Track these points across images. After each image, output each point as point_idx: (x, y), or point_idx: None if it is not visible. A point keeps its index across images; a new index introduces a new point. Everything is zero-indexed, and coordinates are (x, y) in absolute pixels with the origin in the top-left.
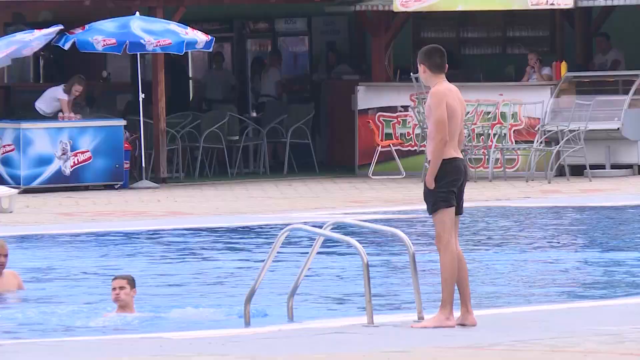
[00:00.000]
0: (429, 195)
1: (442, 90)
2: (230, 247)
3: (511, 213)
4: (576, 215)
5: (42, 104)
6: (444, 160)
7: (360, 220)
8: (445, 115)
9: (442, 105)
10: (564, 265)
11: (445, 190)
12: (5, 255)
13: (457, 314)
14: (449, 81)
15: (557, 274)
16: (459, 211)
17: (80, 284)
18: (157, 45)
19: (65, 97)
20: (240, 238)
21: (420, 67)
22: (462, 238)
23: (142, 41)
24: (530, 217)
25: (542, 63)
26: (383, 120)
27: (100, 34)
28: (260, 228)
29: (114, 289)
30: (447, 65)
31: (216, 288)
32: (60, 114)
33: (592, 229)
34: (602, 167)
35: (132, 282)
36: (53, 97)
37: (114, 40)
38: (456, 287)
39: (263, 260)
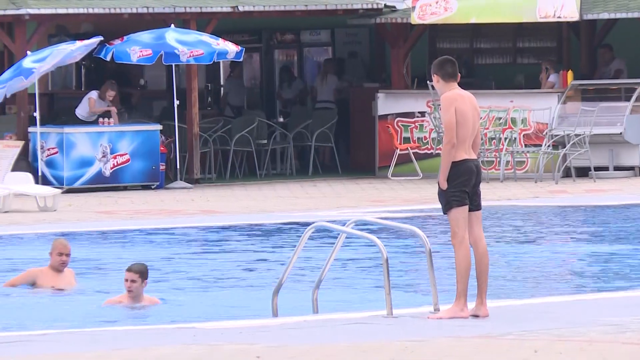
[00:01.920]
0: (442, 196)
1: (452, 95)
2: (259, 243)
3: (521, 212)
4: (582, 213)
5: (80, 110)
6: (455, 162)
7: (380, 219)
8: (454, 120)
9: (451, 110)
10: (570, 259)
11: (457, 190)
12: (68, 255)
13: (471, 305)
14: (464, 89)
15: (564, 268)
16: (477, 207)
17: (119, 277)
18: (190, 56)
19: (95, 96)
20: (269, 235)
21: (434, 77)
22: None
23: (176, 51)
24: (538, 216)
25: (553, 70)
26: (401, 125)
27: (137, 45)
28: (287, 225)
29: (127, 280)
30: (459, 74)
31: (246, 281)
32: (100, 119)
33: (597, 226)
34: (606, 169)
35: (144, 274)
36: (86, 99)
37: (150, 51)
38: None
39: (290, 256)
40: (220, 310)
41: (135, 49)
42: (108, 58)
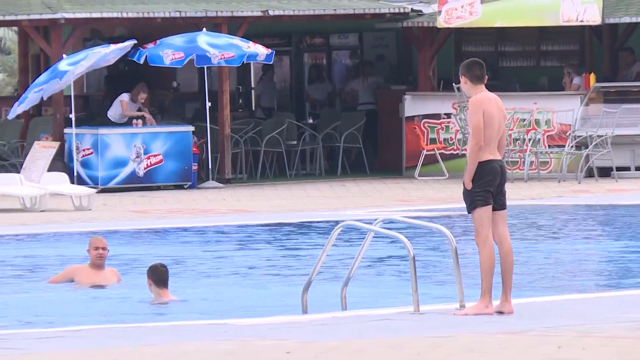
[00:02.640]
0: (467, 195)
1: (479, 98)
2: (288, 242)
3: (545, 211)
4: (604, 212)
5: (112, 112)
6: (480, 162)
7: (407, 218)
8: (481, 123)
9: (478, 114)
10: (592, 257)
11: (482, 190)
12: (104, 248)
13: (496, 302)
14: (489, 91)
15: (586, 266)
16: (501, 207)
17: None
18: (221, 58)
19: (126, 99)
20: (298, 233)
21: (462, 79)
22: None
23: (207, 54)
24: (562, 214)
25: (576, 73)
26: (428, 126)
27: (170, 48)
28: (316, 224)
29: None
30: (486, 76)
31: (276, 278)
32: (134, 121)
33: (619, 225)
34: (627, 169)
35: (148, 274)
36: (118, 102)
37: (182, 54)
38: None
39: (319, 254)
40: (251, 307)
41: (168, 52)
42: (141, 61)
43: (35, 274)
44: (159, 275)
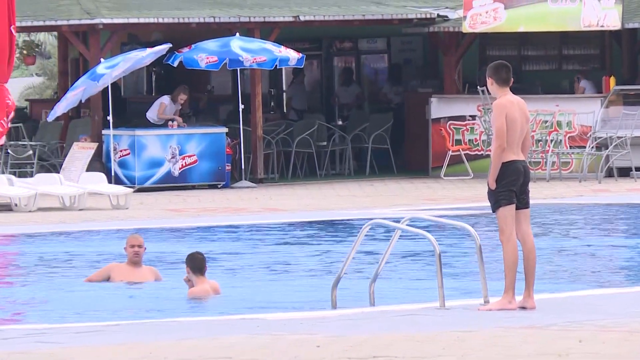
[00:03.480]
0: (491, 195)
1: (503, 102)
2: (318, 239)
3: (566, 209)
4: (624, 211)
5: (151, 113)
6: (503, 163)
7: (434, 216)
8: (504, 126)
9: (502, 117)
10: (612, 254)
11: (505, 190)
12: (140, 246)
13: (519, 297)
14: (513, 94)
15: (606, 262)
16: (525, 205)
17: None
18: (253, 62)
19: (166, 101)
20: (328, 231)
21: (489, 80)
22: None
23: (240, 58)
24: (583, 213)
25: (585, 77)
26: (453, 128)
27: (204, 52)
28: (346, 222)
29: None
30: (512, 79)
31: (307, 274)
32: (170, 122)
33: (637, 222)
34: None
35: (186, 262)
36: (157, 103)
37: (215, 58)
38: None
39: (348, 251)
40: (282, 302)
41: (202, 56)
42: (175, 64)
43: (73, 271)
44: (195, 263)
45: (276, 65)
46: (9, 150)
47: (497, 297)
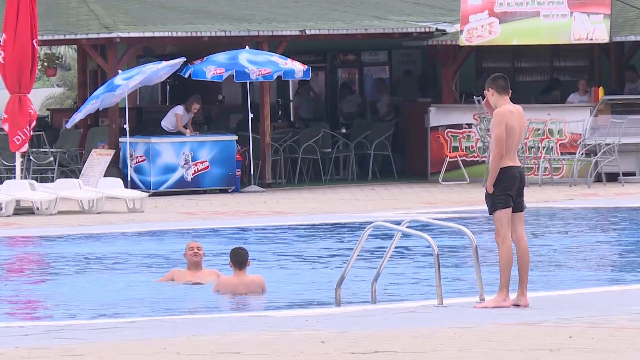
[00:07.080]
0: (488, 198)
1: (502, 111)
2: (323, 240)
3: (557, 212)
4: (611, 214)
5: (166, 122)
6: (501, 168)
7: (432, 219)
8: (504, 134)
9: (502, 125)
10: (601, 254)
11: (502, 193)
12: (199, 248)
13: (512, 295)
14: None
15: (595, 262)
16: (520, 209)
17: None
18: (259, 74)
19: (180, 112)
20: (332, 233)
21: (489, 91)
22: None
23: (246, 70)
24: (573, 216)
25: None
26: (451, 135)
27: (213, 64)
28: (349, 225)
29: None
30: (510, 89)
31: (312, 273)
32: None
33: (625, 225)
34: (633, 174)
35: (230, 255)
36: (172, 114)
37: (222, 70)
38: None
39: (351, 251)
40: (288, 300)
41: (211, 67)
42: (186, 75)
43: (93, 270)
44: (237, 257)
45: (280, 76)
46: (31, 157)
47: (492, 295)
